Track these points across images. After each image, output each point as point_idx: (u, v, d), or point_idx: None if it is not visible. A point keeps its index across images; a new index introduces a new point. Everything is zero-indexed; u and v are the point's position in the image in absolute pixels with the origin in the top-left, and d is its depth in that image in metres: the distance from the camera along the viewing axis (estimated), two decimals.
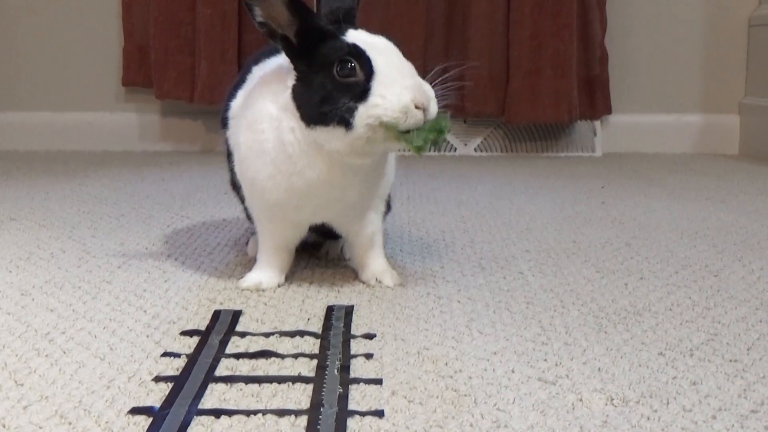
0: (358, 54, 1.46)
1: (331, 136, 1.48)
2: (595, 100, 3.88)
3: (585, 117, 3.89)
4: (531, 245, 2.07)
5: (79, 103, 4.00)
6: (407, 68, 1.50)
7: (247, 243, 1.97)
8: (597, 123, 3.93)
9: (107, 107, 4.00)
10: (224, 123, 1.73)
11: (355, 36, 1.51)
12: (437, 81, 1.52)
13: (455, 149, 3.91)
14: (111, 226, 2.25)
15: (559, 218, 2.41)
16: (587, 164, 3.65)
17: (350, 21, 1.57)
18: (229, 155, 1.74)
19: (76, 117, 3.99)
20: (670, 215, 2.46)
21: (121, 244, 2.04)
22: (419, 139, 1.45)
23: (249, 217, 1.77)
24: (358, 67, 1.46)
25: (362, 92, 1.45)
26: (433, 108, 1.47)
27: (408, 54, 3.95)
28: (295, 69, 1.54)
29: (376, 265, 1.72)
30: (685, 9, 3.98)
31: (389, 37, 1.54)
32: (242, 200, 1.74)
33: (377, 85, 1.45)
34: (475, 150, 3.93)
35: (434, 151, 3.89)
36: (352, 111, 1.45)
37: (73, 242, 2.06)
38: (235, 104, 1.69)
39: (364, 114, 1.45)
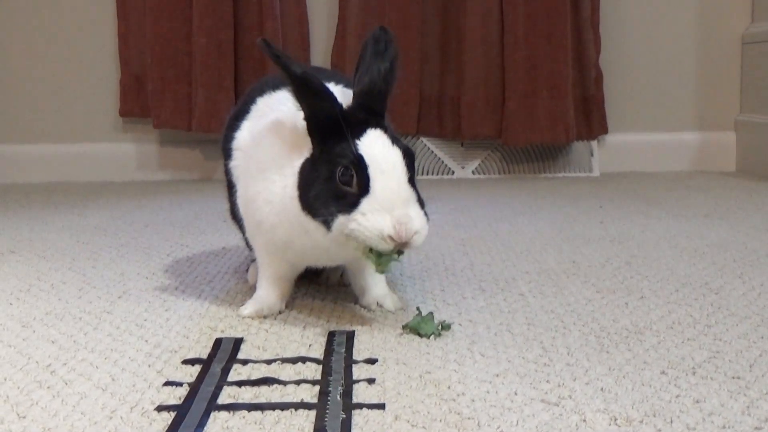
0: (360, 168, 1.45)
1: (314, 227, 1.49)
2: (591, 120, 3.90)
3: (582, 137, 3.90)
4: (531, 266, 2.07)
5: (76, 135, 4.01)
6: (404, 195, 1.46)
7: (247, 270, 1.97)
8: (594, 143, 3.95)
9: (105, 138, 4.01)
10: (227, 153, 1.72)
11: (369, 143, 1.47)
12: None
13: (453, 172, 3.92)
14: (111, 257, 2.25)
15: (558, 239, 2.41)
16: (585, 184, 3.66)
17: (381, 106, 1.54)
18: (230, 186, 1.74)
19: (74, 148, 4.00)
20: (669, 233, 2.46)
21: (121, 274, 2.04)
22: (383, 264, 1.49)
23: (249, 246, 1.77)
24: (355, 180, 1.45)
25: (350, 205, 1.44)
26: (416, 240, 1.45)
27: (404, 79, 3.95)
28: (312, 143, 1.52)
29: (376, 289, 1.72)
30: (678, 28, 4.01)
31: (405, 148, 1.50)
32: (242, 231, 1.75)
33: (365, 204, 1.44)
34: (472, 173, 3.94)
35: (431, 174, 3.91)
36: (334, 218, 1.46)
37: (73, 273, 2.06)
38: (240, 136, 1.69)
39: (344, 224, 1.45)
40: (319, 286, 1.90)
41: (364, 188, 1.45)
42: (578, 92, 3.86)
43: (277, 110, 1.62)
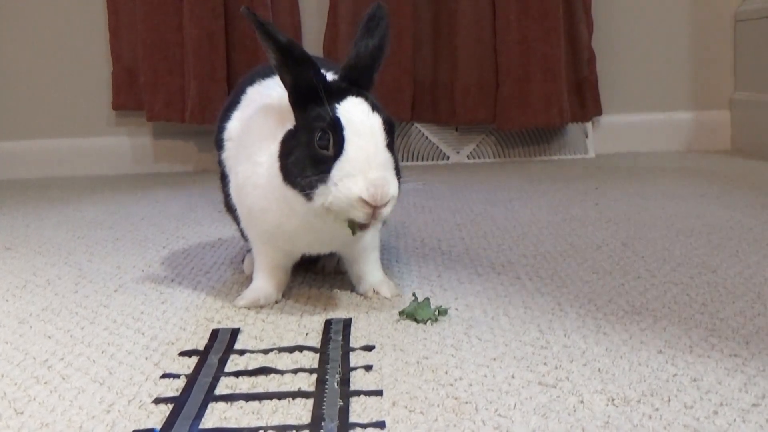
0: (335, 130, 1.43)
1: (296, 200, 1.48)
2: (585, 101, 3.89)
3: (576, 119, 3.90)
4: (527, 250, 2.07)
5: (70, 129, 4.00)
6: (379, 158, 1.43)
7: (243, 261, 1.97)
8: (588, 125, 3.94)
9: (99, 132, 4.00)
10: (219, 144, 1.72)
11: (347, 108, 1.45)
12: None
13: (448, 157, 3.92)
14: (107, 250, 2.25)
15: (554, 221, 2.41)
16: (580, 166, 3.65)
17: (366, 81, 1.53)
18: (223, 177, 1.74)
19: (68, 143, 4.00)
20: (664, 213, 2.46)
21: (118, 268, 2.04)
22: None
23: (244, 237, 1.77)
24: (331, 143, 1.43)
25: (326, 169, 1.42)
26: (388, 209, 1.43)
27: (397, 65, 3.94)
28: (294, 114, 1.52)
29: (373, 276, 1.72)
30: (670, 7, 4.00)
31: (385, 116, 1.48)
32: (237, 222, 1.75)
33: (339, 169, 1.41)
34: (467, 157, 3.93)
35: (426, 160, 3.91)
36: (313, 187, 1.43)
37: (69, 268, 2.06)
38: (231, 126, 1.69)
39: (322, 194, 1.42)
40: (315, 275, 1.90)
41: (339, 150, 1.42)
42: (571, 74, 3.85)
43: (267, 97, 1.62)
